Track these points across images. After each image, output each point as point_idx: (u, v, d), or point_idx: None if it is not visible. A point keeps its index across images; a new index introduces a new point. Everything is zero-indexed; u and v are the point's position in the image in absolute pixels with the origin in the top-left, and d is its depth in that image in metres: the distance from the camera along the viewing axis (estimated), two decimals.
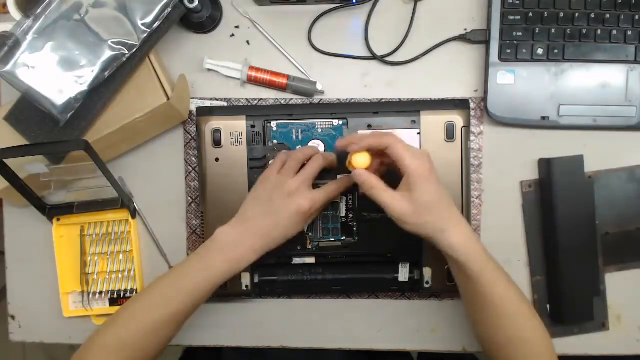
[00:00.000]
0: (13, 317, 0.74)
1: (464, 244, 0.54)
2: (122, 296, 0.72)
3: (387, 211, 0.55)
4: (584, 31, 0.66)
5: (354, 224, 0.68)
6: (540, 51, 0.66)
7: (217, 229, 0.60)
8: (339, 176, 0.65)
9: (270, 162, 0.66)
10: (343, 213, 0.68)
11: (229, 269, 0.59)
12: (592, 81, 0.67)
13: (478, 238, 0.56)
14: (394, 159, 0.55)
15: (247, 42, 0.71)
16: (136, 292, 0.72)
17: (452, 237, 0.54)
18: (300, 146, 0.67)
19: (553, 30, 0.66)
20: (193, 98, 0.71)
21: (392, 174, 0.58)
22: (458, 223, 0.55)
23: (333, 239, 0.68)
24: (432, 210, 0.54)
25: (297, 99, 0.71)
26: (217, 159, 0.67)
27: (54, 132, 0.64)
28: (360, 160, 0.57)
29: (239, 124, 0.67)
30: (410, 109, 0.67)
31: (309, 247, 0.68)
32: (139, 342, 0.57)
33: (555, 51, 0.66)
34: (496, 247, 0.70)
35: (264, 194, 0.61)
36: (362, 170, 0.57)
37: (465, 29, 0.69)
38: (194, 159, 0.71)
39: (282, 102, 0.70)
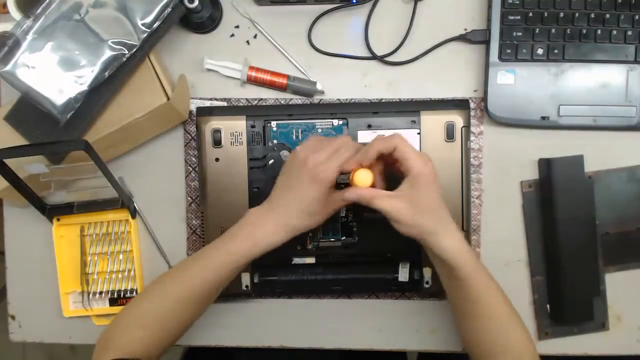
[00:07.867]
0: (13, 317, 0.74)
1: (456, 247, 0.55)
2: (122, 296, 0.72)
3: (387, 214, 0.55)
4: (584, 31, 0.66)
5: (354, 224, 0.68)
6: (540, 51, 0.66)
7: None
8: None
9: (270, 162, 0.67)
10: (343, 213, 0.68)
11: (252, 248, 0.58)
12: (592, 81, 0.67)
13: (469, 245, 0.57)
14: (399, 159, 0.54)
15: (247, 42, 0.71)
16: (136, 293, 0.72)
17: (445, 239, 0.55)
18: None
19: (553, 30, 0.66)
20: (193, 98, 0.71)
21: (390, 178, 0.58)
22: (450, 228, 0.56)
23: (333, 239, 0.68)
24: (429, 212, 0.54)
25: (297, 99, 0.71)
26: (217, 159, 0.67)
27: (54, 132, 0.64)
28: (363, 177, 0.56)
29: (239, 124, 0.67)
30: (410, 109, 0.67)
31: (309, 247, 0.68)
32: (169, 314, 0.59)
33: (555, 51, 0.66)
34: (496, 247, 0.71)
35: (287, 170, 0.59)
36: (360, 189, 0.56)
37: (465, 29, 0.69)
38: (194, 159, 0.71)
39: (282, 102, 0.70)
